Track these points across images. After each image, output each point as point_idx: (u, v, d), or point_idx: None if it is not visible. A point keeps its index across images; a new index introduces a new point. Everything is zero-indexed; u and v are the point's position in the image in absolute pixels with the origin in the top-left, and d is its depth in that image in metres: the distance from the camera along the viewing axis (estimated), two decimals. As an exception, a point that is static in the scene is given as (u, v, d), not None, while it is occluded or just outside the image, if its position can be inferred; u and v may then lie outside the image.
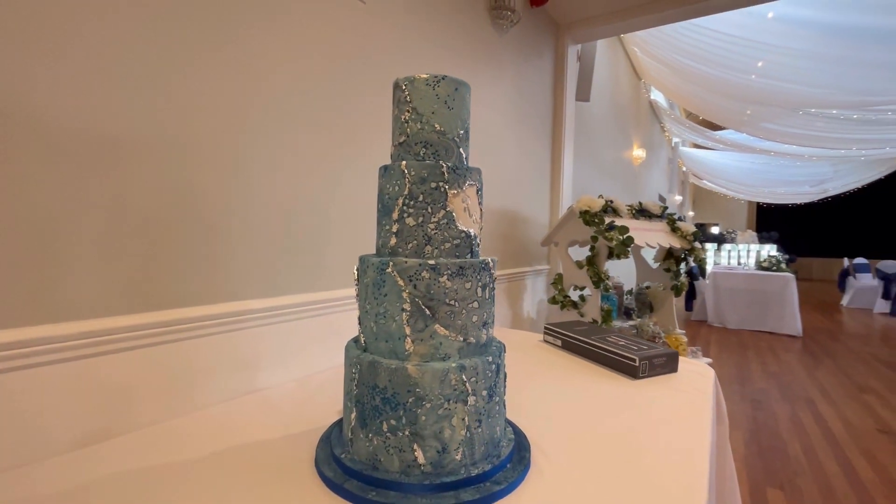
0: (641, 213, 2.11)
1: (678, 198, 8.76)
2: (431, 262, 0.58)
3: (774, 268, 5.54)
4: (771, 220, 12.45)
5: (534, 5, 1.94)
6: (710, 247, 7.36)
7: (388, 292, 0.59)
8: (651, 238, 1.95)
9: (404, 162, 0.61)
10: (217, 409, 0.81)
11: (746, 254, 7.25)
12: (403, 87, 0.63)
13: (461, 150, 0.65)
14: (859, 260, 8.18)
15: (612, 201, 1.92)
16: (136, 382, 0.73)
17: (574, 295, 2.01)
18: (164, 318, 0.76)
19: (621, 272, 2.92)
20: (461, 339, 0.60)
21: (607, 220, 1.80)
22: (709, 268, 6.12)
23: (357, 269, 0.67)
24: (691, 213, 11.12)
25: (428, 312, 0.58)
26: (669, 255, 2.23)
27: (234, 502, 0.54)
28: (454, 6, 1.49)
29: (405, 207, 0.61)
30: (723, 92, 4.53)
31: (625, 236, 1.75)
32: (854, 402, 3.02)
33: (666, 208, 2.26)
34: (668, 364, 1.10)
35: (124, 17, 0.69)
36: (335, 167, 1.08)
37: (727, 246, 7.39)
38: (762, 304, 5.27)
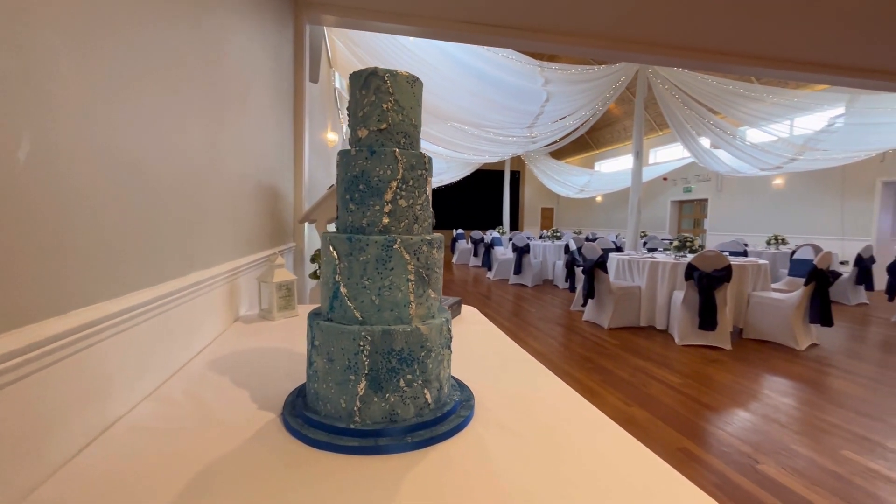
0: (379, 194, 2.47)
1: (347, 179, 9.83)
2: (428, 237, 0.69)
3: (423, 238, 7.28)
4: (406, 201, 15.86)
5: (288, -25, 1.88)
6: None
7: (394, 266, 0.66)
8: (391, 216, 2.35)
9: (396, 149, 0.68)
10: (87, 459, 0.58)
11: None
12: (386, 79, 0.68)
13: (420, 142, 0.76)
14: (460, 231, 11.78)
15: (364, 183, 2.17)
16: (-22, 454, 0.45)
17: (334, 269, 2.16)
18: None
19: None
20: (438, 298, 0.75)
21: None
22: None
23: (335, 250, 0.67)
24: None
25: (426, 279, 0.70)
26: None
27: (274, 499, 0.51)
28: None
29: (398, 190, 0.68)
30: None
31: (383, 214, 2.05)
32: (481, 324, 4.57)
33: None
34: (457, 309, 1.50)
35: None
36: (179, 132, 0.84)
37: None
38: (418, 267, 6.87)
